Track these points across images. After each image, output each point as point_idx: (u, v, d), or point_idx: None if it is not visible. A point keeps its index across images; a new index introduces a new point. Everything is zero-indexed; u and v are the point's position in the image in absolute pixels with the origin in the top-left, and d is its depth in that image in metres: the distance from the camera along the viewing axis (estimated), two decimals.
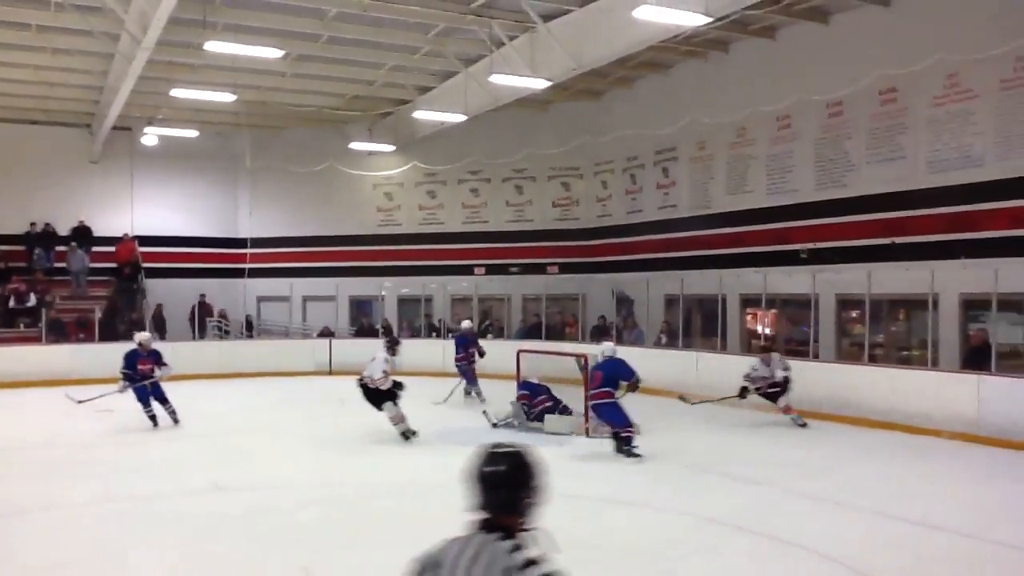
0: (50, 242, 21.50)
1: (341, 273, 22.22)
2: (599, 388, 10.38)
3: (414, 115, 19.10)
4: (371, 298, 22.69)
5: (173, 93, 16.44)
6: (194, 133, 20.65)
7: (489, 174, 22.17)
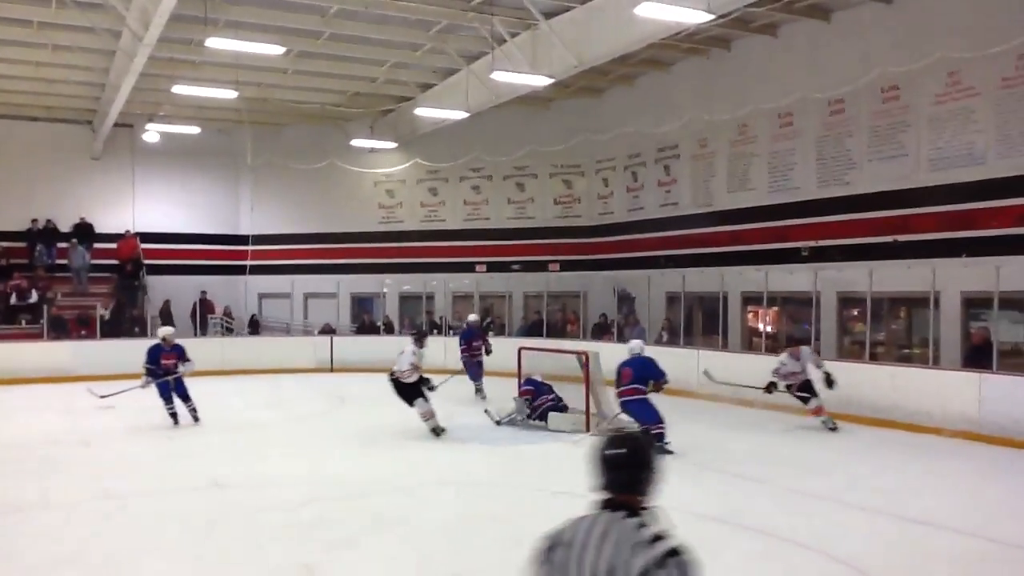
0: (52, 239, 21.53)
1: (342, 270, 22.28)
2: (629, 385, 10.33)
3: (415, 112, 19.10)
4: (372, 295, 22.72)
5: (174, 90, 16.43)
6: (196, 130, 20.64)
7: (490, 171, 22.18)
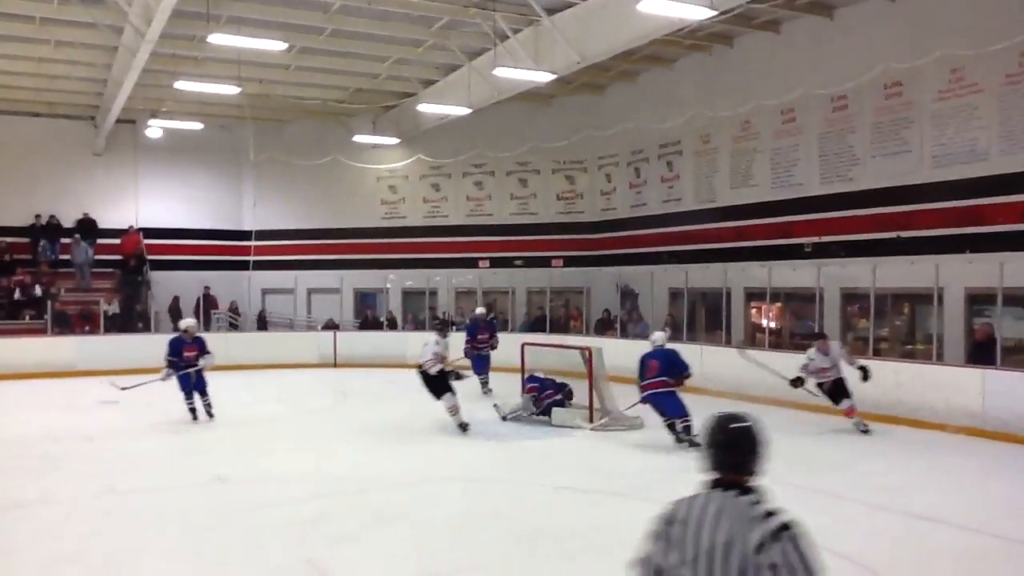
0: (55, 234, 21.55)
1: (345, 266, 22.29)
2: (656, 377, 10.31)
3: (418, 108, 19.08)
4: (375, 291, 22.71)
5: (177, 86, 16.41)
6: (198, 126, 20.64)
7: (493, 167, 22.16)
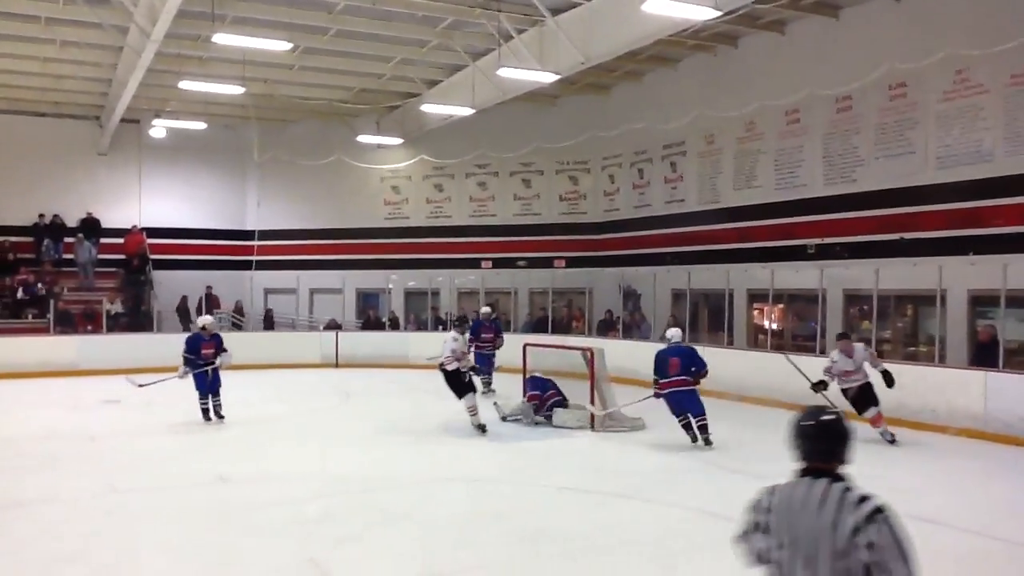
0: (58, 234, 21.59)
1: (348, 266, 22.30)
2: (678, 375, 10.27)
3: (422, 108, 19.07)
4: (378, 291, 22.71)
5: (181, 85, 16.44)
6: (202, 125, 20.67)
7: (497, 168, 22.17)
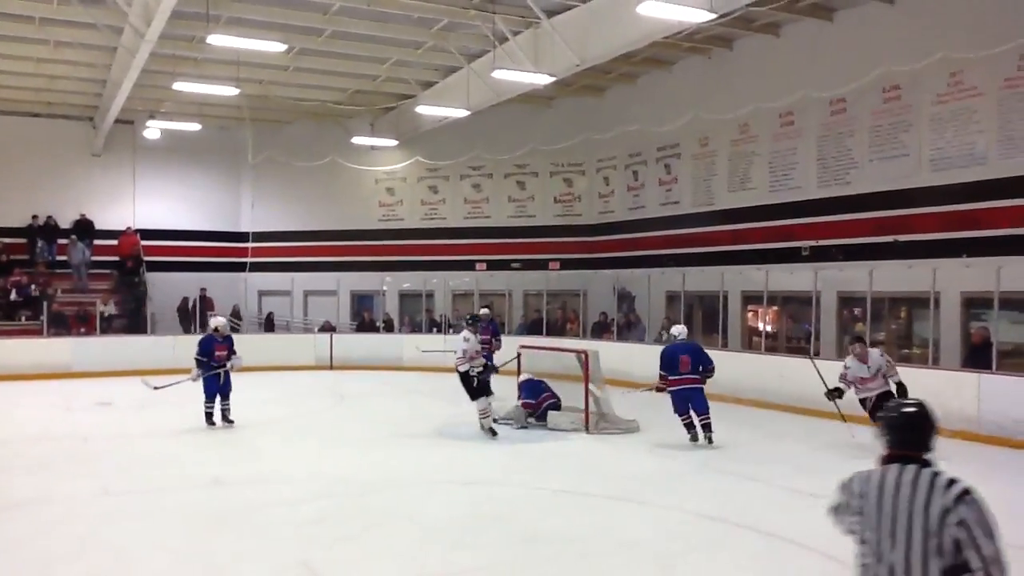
0: (52, 235, 21.54)
1: (342, 267, 22.29)
2: (689, 373, 10.25)
3: (417, 110, 19.08)
4: (372, 293, 22.71)
5: (176, 86, 16.40)
6: (196, 127, 20.63)
7: (491, 169, 22.18)
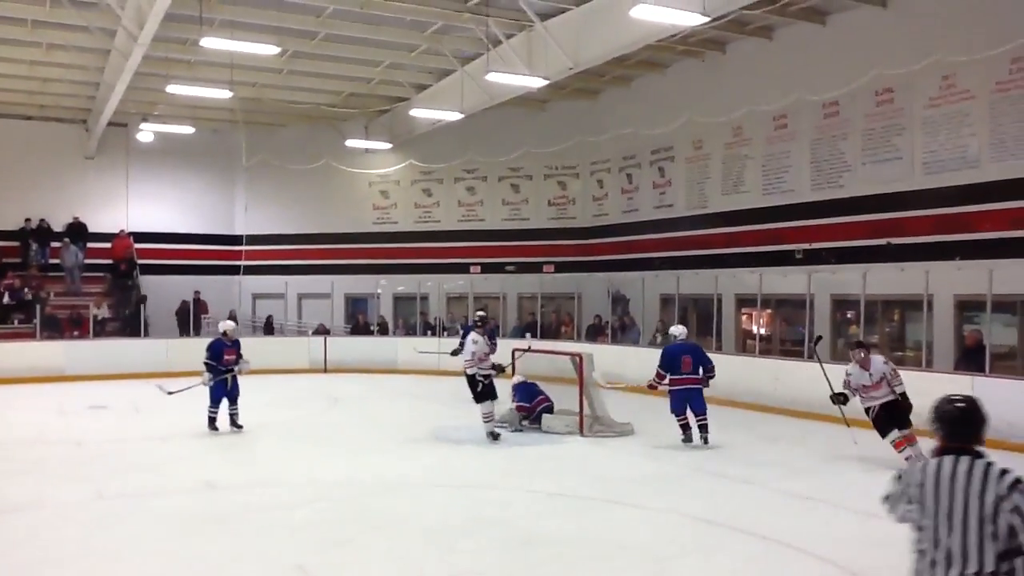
0: (45, 238, 21.47)
1: (336, 270, 22.25)
2: (692, 373, 10.28)
3: (411, 113, 19.08)
4: (367, 295, 22.67)
5: (169, 89, 16.40)
6: (190, 129, 20.60)
7: (485, 172, 22.17)
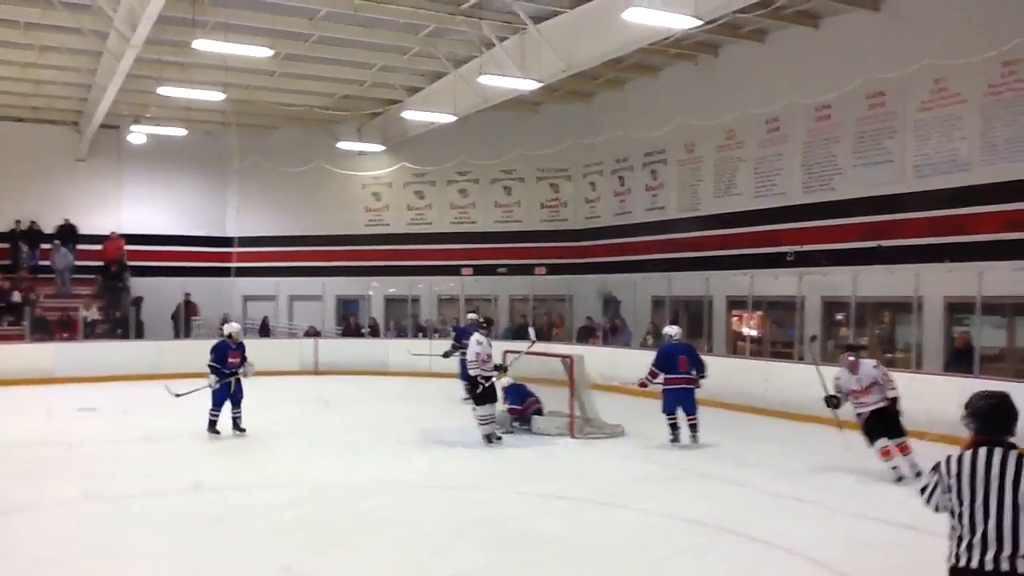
0: (36, 240, 21.39)
1: (328, 273, 22.20)
2: (686, 373, 10.32)
3: (403, 115, 19.08)
4: (358, 298, 22.66)
5: (161, 91, 16.36)
6: (182, 132, 20.54)
7: (478, 175, 22.17)
